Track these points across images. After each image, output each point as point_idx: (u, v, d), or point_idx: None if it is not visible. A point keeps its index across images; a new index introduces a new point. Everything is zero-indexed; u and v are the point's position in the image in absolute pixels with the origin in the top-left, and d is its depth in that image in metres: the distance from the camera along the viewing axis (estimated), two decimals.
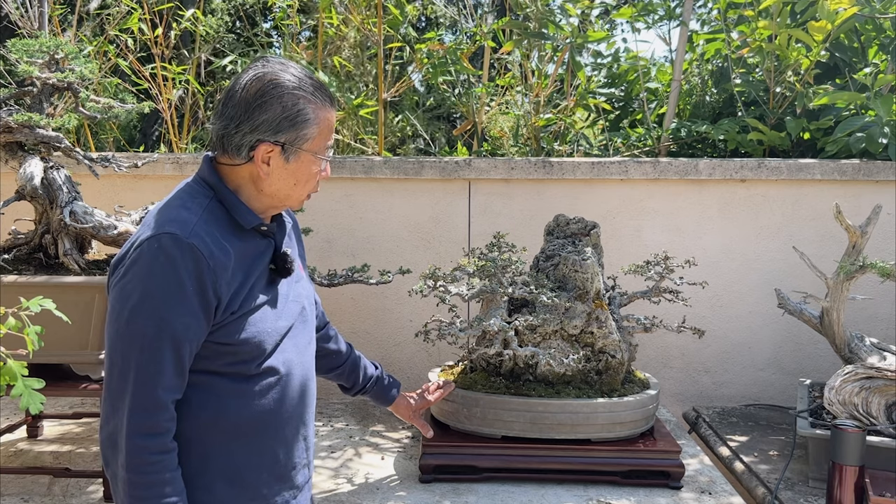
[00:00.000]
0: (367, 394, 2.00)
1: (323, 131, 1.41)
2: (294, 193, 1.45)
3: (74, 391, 2.32)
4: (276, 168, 1.40)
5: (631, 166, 3.22)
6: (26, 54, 2.38)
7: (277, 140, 1.38)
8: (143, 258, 1.30)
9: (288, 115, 1.37)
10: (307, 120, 1.38)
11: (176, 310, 1.28)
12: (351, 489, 2.26)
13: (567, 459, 2.26)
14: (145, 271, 1.30)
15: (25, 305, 1.62)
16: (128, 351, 1.29)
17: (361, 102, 3.64)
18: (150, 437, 1.28)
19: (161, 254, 1.29)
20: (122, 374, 1.29)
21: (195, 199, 1.40)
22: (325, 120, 1.41)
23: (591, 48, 4.35)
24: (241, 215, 1.41)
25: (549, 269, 2.40)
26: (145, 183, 3.24)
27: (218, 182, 1.42)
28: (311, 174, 1.44)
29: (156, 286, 1.29)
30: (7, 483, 2.37)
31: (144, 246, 1.30)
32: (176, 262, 1.29)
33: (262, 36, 4.41)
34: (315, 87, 1.40)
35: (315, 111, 1.39)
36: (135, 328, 1.29)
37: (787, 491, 2.30)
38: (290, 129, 1.38)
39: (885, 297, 3.18)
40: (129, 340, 1.29)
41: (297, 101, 1.37)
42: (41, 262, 2.38)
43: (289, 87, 1.37)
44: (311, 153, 1.41)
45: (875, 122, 3.17)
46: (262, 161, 1.39)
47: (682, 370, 3.33)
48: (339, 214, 3.26)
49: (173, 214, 1.35)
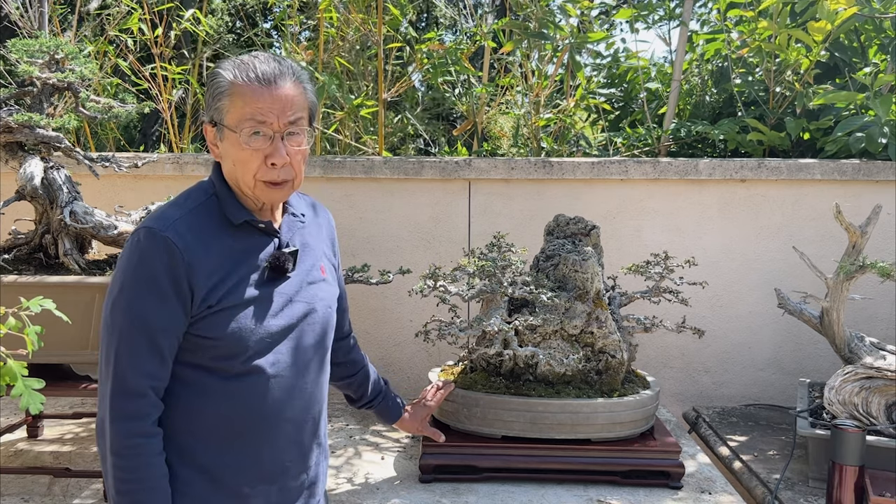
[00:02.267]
0: (373, 408, 2.00)
1: (236, 104, 1.37)
2: (238, 175, 1.41)
3: (74, 391, 2.32)
4: (221, 150, 1.43)
5: (631, 166, 3.22)
6: (26, 54, 2.39)
7: (211, 118, 1.42)
8: (124, 253, 1.38)
9: (211, 90, 1.41)
10: (221, 92, 1.39)
11: (149, 300, 1.33)
12: (351, 489, 2.26)
13: (567, 459, 2.26)
14: (125, 264, 1.37)
15: (25, 305, 1.62)
16: (109, 340, 1.35)
17: (361, 102, 3.64)
18: (131, 420, 1.33)
19: (138, 248, 1.35)
20: (106, 361, 1.35)
21: (190, 196, 1.45)
22: (240, 94, 1.37)
23: (591, 48, 4.36)
24: (229, 211, 1.43)
25: (549, 269, 2.40)
26: (145, 183, 3.24)
27: (219, 178, 1.45)
28: (243, 154, 1.39)
29: (132, 278, 1.35)
30: (7, 483, 2.37)
31: (129, 242, 1.38)
32: (150, 255, 1.34)
33: (262, 36, 4.40)
34: (247, 67, 1.38)
35: (232, 84, 1.38)
36: (114, 318, 1.35)
37: (787, 491, 2.30)
38: (211, 103, 1.41)
39: (885, 297, 3.18)
40: (110, 330, 1.35)
41: (216, 75, 1.40)
42: (41, 262, 2.38)
43: (220, 66, 1.41)
44: (231, 130, 1.38)
45: (875, 122, 3.17)
46: (211, 143, 1.44)
47: (682, 370, 3.33)
48: (339, 214, 3.24)
49: (161, 212, 1.41)
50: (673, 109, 3.64)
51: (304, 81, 1.43)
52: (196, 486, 1.40)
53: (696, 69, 3.96)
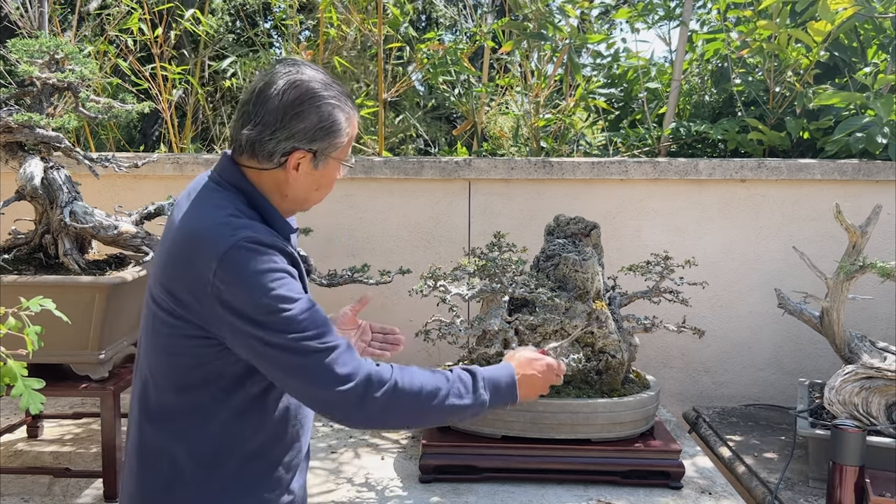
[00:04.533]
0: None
1: (351, 139, 1.45)
2: (313, 197, 1.47)
3: (74, 391, 2.32)
4: (303, 174, 1.41)
5: (631, 166, 3.22)
6: (26, 54, 2.38)
7: (311, 148, 1.39)
8: (235, 267, 1.28)
9: (324, 126, 1.38)
10: (340, 130, 1.40)
11: (295, 285, 1.32)
12: (351, 489, 2.25)
13: (567, 459, 2.26)
14: (249, 272, 1.28)
15: (25, 305, 1.62)
16: (300, 334, 1.28)
17: (361, 103, 3.64)
18: (365, 365, 1.32)
19: (249, 252, 1.29)
20: (308, 353, 1.28)
21: (234, 204, 1.38)
22: (354, 128, 1.45)
23: (591, 48, 4.36)
24: (278, 225, 1.42)
25: (550, 269, 2.40)
26: (145, 183, 3.24)
27: (251, 188, 1.41)
28: (333, 179, 1.46)
29: (268, 278, 1.29)
30: (7, 483, 2.37)
31: (229, 256, 1.28)
32: (271, 255, 1.30)
33: (262, 36, 4.40)
34: (345, 96, 1.42)
35: (347, 121, 1.42)
36: (289, 315, 1.28)
37: (787, 491, 2.30)
38: (324, 137, 1.39)
39: (885, 297, 3.18)
40: (291, 325, 1.28)
41: (332, 110, 1.38)
42: (41, 262, 2.38)
43: (325, 98, 1.38)
44: (339, 160, 1.43)
45: (875, 123, 3.17)
46: (293, 167, 1.40)
47: (682, 370, 3.32)
48: (340, 214, 3.25)
49: (227, 221, 1.33)
50: (673, 109, 3.64)
51: None
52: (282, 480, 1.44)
53: (696, 69, 3.96)
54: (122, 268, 2.41)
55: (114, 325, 2.31)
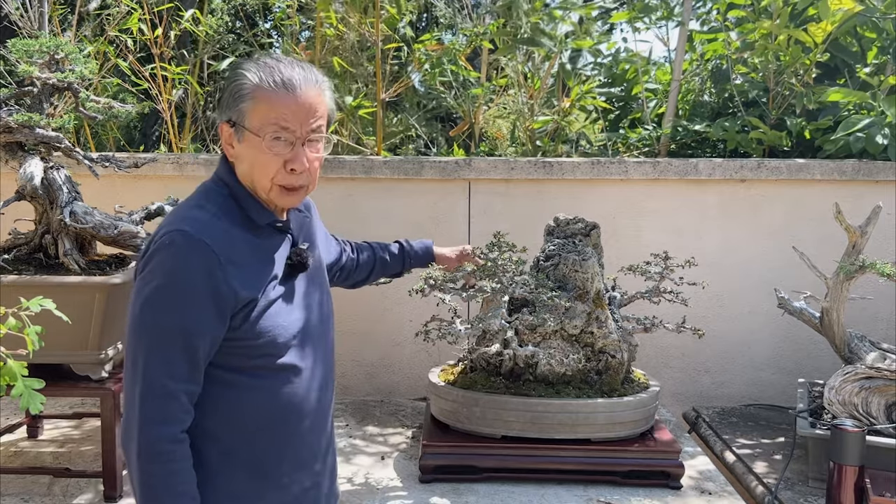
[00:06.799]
0: (410, 268, 2.19)
1: (260, 108, 1.36)
2: (257, 180, 1.41)
3: (74, 391, 2.33)
4: (238, 151, 1.41)
5: (631, 166, 3.22)
6: (26, 54, 2.39)
7: (230, 118, 1.39)
8: (156, 255, 1.32)
9: (231, 90, 1.39)
10: (243, 94, 1.37)
11: (187, 305, 1.30)
12: (351, 489, 2.25)
13: (567, 459, 2.26)
14: (157, 267, 1.32)
15: (25, 305, 1.62)
16: (138, 341, 1.32)
17: (360, 103, 3.64)
18: (162, 425, 1.30)
19: (173, 250, 1.31)
20: (133, 363, 1.32)
21: (209, 198, 1.42)
22: (264, 98, 1.36)
23: (591, 48, 4.34)
24: (254, 212, 1.42)
25: (550, 269, 2.40)
26: (145, 183, 3.24)
27: (233, 179, 1.43)
28: (263, 158, 1.38)
29: (166, 281, 1.31)
30: (7, 483, 2.37)
31: (159, 243, 1.33)
32: (187, 259, 1.31)
33: (262, 36, 4.40)
34: (273, 71, 1.37)
35: (256, 87, 1.36)
36: (144, 319, 1.31)
37: (787, 491, 2.30)
38: (232, 104, 1.39)
39: (885, 297, 3.18)
40: (140, 331, 1.32)
41: (239, 76, 1.38)
42: (41, 262, 2.38)
43: (243, 67, 1.38)
44: (252, 133, 1.37)
45: (877, 122, 3.17)
46: (227, 143, 1.42)
47: (682, 370, 3.32)
48: (340, 214, 3.25)
49: (185, 213, 1.38)
50: (672, 109, 3.64)
51: (326, 89, 1.44)
52: (244, 484, 1.41)
53: (695, 69, 3.96)
54: (122, 268, 2.41)
55: (114, 325, 2.30)
